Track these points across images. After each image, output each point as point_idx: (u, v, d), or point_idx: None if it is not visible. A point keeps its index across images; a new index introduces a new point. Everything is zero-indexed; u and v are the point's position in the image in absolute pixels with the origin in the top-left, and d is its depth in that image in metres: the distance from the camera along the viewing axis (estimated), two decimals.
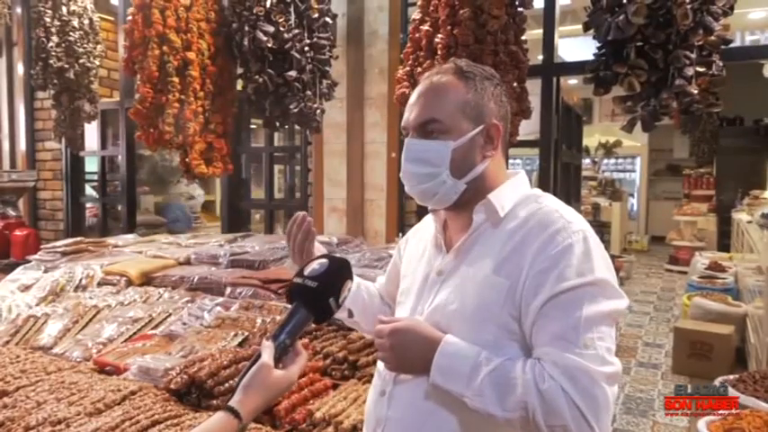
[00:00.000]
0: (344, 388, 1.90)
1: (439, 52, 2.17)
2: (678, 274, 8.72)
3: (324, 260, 1.13)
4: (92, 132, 4.47)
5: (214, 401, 1.85)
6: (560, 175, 3.34)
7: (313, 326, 2.22)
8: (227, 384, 1.89)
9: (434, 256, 1.22)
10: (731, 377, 2.52)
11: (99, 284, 2.98)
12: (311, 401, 1.84)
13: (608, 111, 12.18)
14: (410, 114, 1.16)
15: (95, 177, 4.90)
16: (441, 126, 1.12)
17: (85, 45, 3.33)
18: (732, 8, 1.94)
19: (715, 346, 4.79)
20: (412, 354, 1.08)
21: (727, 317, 5.05)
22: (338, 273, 1.13)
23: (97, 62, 3.45)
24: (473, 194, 1.14)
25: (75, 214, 4.81)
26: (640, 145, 12.34)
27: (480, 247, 1.12)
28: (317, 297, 1.09)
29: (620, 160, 13.05)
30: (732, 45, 2.10)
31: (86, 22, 3.35)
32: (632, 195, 12.55)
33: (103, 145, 4.66)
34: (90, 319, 2.56)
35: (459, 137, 1.12)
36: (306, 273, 1.11)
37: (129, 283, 2.94)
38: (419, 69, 2.28)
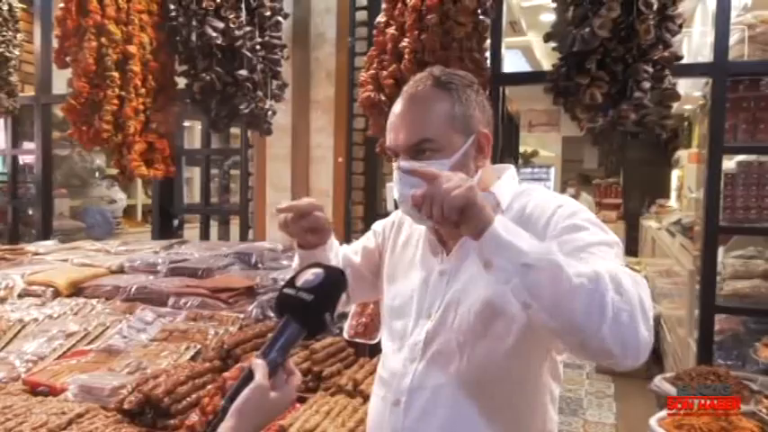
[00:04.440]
0: (314, 401, 1.83)
1: (406, 56, 2.15)
2: None
3: (318, 270, 1.02)
4: None
5: (171, 421, 1.72)
6: None
7: None
8: (185, 402, 1.77)
9: (430, 258, 1.19)
10: (668, 375, 2.66)
11: (20, 296, 2.71)
12: (279, 417, 1.75)
13: (525, 122, 12.71)
14: (397, 135, 1.11)
15: (3, 179, 4.48)
16: (434, 145, 1.08)
17: (4, 33, 3.03)
18: (682, 26, 2.06)
19: None
20: (482, 202, 0.91)
21: None
22: (334, 284, 1.03)
23: (17, 52, 3.15)
24: None
25: None
26: (554, 155, 12.97)
27: None
28: (311, 311, 0.99)
29: (535, 169, 13.63)
30: None
31: (5, 8, 3.04)
32: None
33: (14, 143, 4.27)
34: (15, 335, 2.32)
35: (453, 153, 1.09)
36: (299, 283, 1.00)
37: (57, 293, 2.69)
38: (384, 73, 2.25)
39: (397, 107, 1.13)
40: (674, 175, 8.82)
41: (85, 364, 2.14)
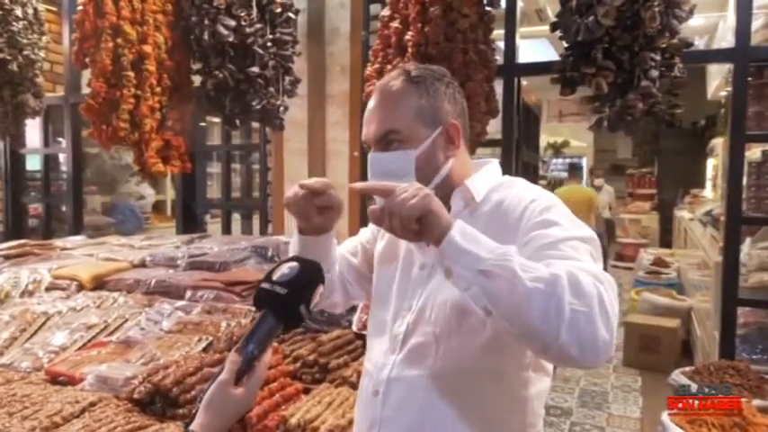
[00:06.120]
0: (317, 392, 1.86)
1: (410, 50, 2.15)
2: (624, 270, 9.01)
3: (294, 263, 1.04)
4: (31, 129, 4.22)
5: (180, 410, 1.77)
6: (521, 175, 3.38)
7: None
8: (193, 392, 1.81)
9: (412, 252, 1.20)
10: (687, 369, 2.60)
11: (47, 289, 2.82)
12: (283, 407, 1.78)
13: (555, 112, 12.51)
14: (369, 128, 1.15)
15: (37, 176, 4.65)
16: (400, 136, 1.11)
17: (30, 36, 3.14)
18: (692, 12, 2.00)
19: (663, 339, 4.99)
20: (439, 209, 0.92)
21: (674, 311, 5.27)
22: (309, 277, 1.04)
23: (42, 54, 3.26)
24: (441, 196, 1.10)
25: (17, 216, 4.55)
26: (586, 145, 12.73)
27: None
28: (286, 304, 1.01)
29: (567, 160, 13.40)
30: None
31: (30, 11, 3.15)
32: None
33: (46, 142, 4.43)
34: (39, 327, 2.41)
35: (420, 143, 1.11)
36: (274, 278, 1.02)
37: (81, 287, 2.79)
38: (389, 67, 2.26)
39: (371, 102, 1.18)
40: (710, 164, 8.57)
41: (105, 355, 2.22)
